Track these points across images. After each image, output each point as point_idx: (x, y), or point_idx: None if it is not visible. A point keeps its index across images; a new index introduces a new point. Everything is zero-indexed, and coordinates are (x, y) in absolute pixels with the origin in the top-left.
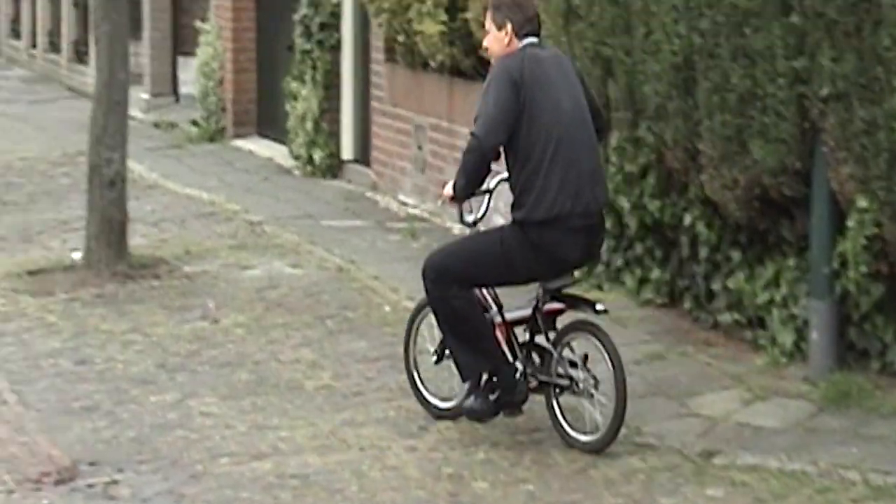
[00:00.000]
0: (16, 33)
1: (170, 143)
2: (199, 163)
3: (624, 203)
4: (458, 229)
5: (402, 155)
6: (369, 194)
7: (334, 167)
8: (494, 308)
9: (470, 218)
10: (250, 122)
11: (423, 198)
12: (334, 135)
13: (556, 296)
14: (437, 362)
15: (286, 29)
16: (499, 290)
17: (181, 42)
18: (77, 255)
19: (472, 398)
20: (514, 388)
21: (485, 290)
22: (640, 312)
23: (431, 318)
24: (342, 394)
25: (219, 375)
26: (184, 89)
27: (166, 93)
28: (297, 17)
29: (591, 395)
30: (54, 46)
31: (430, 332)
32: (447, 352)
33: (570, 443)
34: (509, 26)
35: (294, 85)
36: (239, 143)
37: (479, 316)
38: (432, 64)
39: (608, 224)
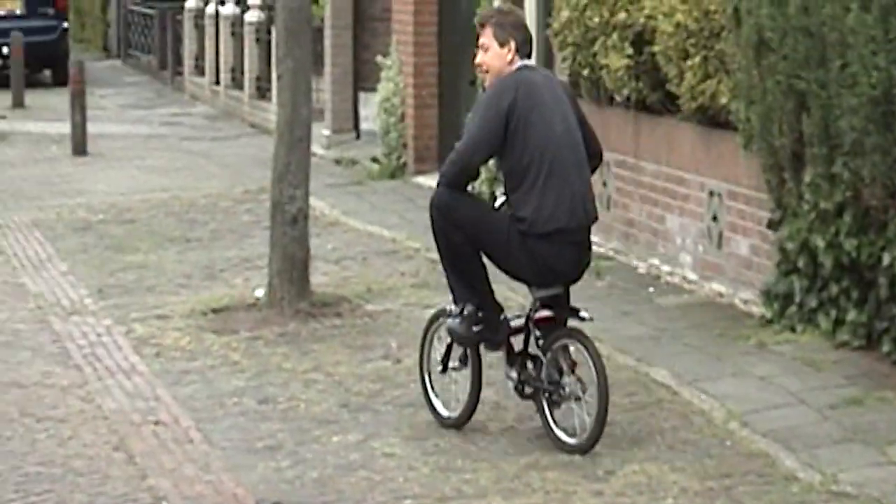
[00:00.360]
0: (199, 70)
1: (351, 180)
2: (381, 200)
3: (819, 242)
4: (643, 268)
5: None
6: None
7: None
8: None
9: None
10: (431, 158)
11: (609, 236)
12: None
13: (545, 304)
14: (442, 371)
15: (467, 63)
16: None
17: (362, 78)
18: (260, 293)
19: (458, 320)
20: (497, 328)
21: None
22: (835, 355)
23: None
24: (526, 436)
25: (402, 416)
26: (365, 125)
27: (347, 129)
28: None
29: (579, 399)
30: (237, 83)
31: (441, 344)
32: (451, 351)
33: (559, 445)
34: (512, 44)
35: None
36: (420, 179)
37: (477, 261)
38: (618, 98)
39: (801, 263)
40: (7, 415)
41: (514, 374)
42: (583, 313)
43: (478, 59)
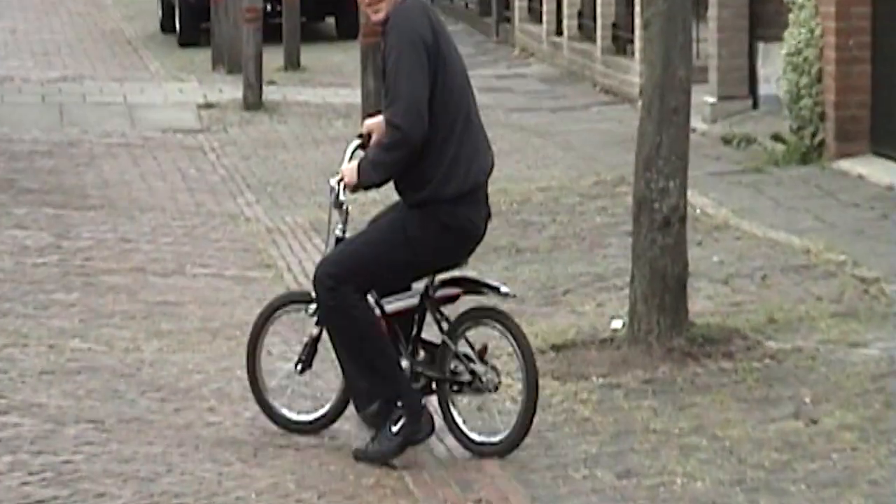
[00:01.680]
0: (534, 15)
1: (744, 166)
2: (787, 194)
3: None
4: None
5: None
6: None
7: None
8: (371, 300)
9: (343, 197)
10: (861, 135)
11: None
12: None
13: (448, 280)
14: (301, 372)
15: None
16: None
17: (761, 23)
18: (618, 324)
19: (377, 441)
20: (420, 415)
21: None
22: None
23: (287, 317)
24: None
25: (819, 498)
26: (764, 89)
27: (739, 94)
28: None
29: (494, 390)
30: (585, 32)
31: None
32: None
33: (469, 447)
34: None
35: None
36: (845, 164)
37: (380, 328)
38: None
39: None
40: (282, 486)
41: (405, 365)
42: (503, 288)
43: None
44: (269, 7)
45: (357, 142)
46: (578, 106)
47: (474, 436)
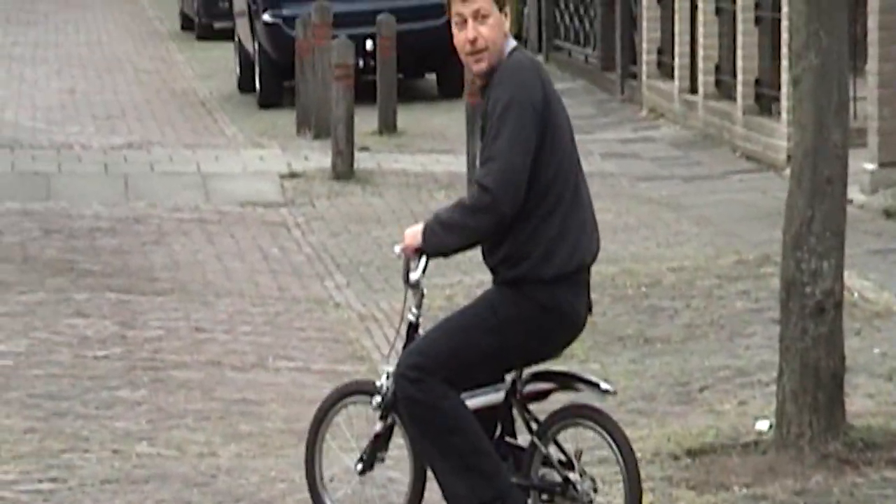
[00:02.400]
0: (665, 71)
1: None
2: None
3: None
4: None
5: None
6: None
7: None
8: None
9: (414, 276)
10: None
11: None
12: None
13: (539, 374)
14: (362, 473)
15: None
16: None
17: None
18: (764, 426)
19: None
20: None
21: None
22: None
23: (352, 410)
24: None
25: None
26: None
27: None
28: None
29: (590, 503)
30: (724, 90)
31: (349, 431)
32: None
33: None
34: (507, 9)
35: None
36: None
37: (474, 423)
38: None
39: None
40: None
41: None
42: (604, 385)
43: (469, 34)
44: (361, 63)
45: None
46: (716, 174)
47: None
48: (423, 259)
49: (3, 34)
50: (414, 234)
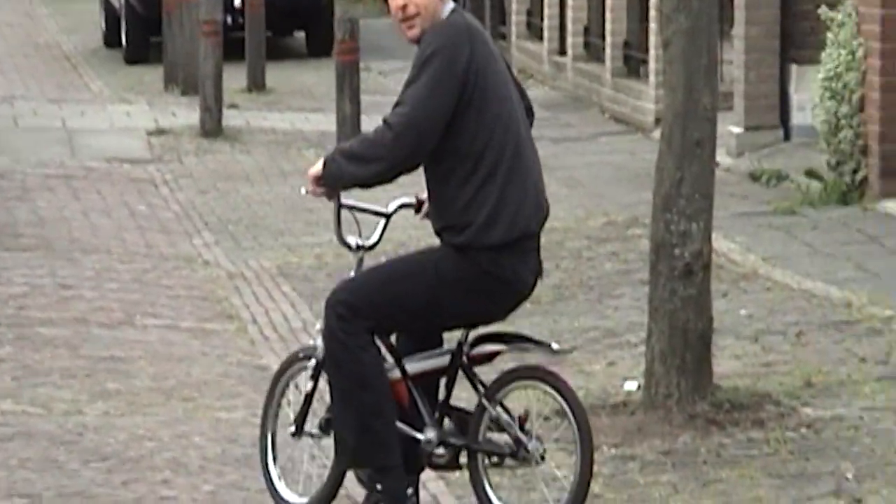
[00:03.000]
0: (534, 32)
1: (775, 207)
2: (824, 238)
3: None
4: None
5: None
6: None
7: None
8: (391, 359)
9: (352, 240)
10: None
11: None
12: None
13: (485, 336)
14: (295, 434)
15: None
16: None
17: (794, 43)
18: (632, 387)
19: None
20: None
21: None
22: None
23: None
24: None
25: None
26: (798, 118)
27: (769, 124)
28: None
29: (540, 462)
30: (593, 52)
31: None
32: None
33: None
34: None
35: None
36: (890, 205)
37: (386, 387)
38: None
39: None
40: None
41: (430, 436)
42: (555, 345)
43: (399, 1)
44: (229, 20)
45: (404, 199)
46: (585, 136)
47: None
48: (379, 226)
49: None
50: (316, 168)
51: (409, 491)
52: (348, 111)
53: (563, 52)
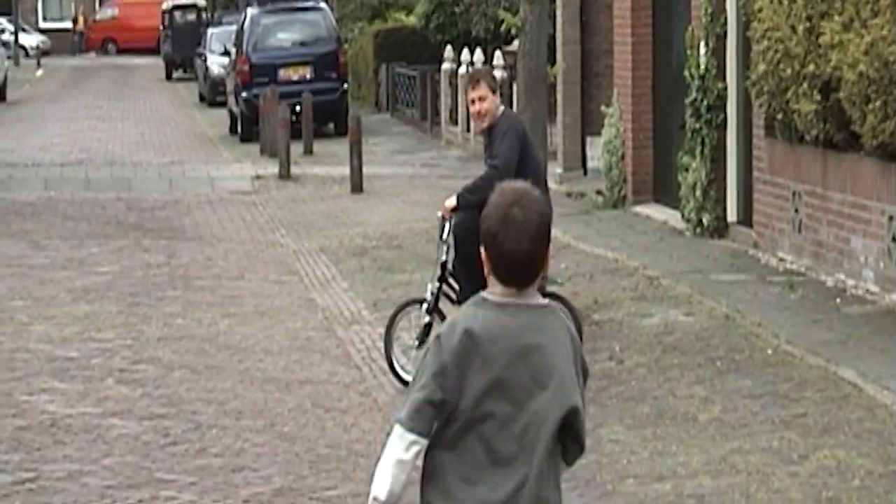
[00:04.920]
0: (454, 120)
1: (580, 210)
2: (605, 227)
3: None
4: (830, 282)
5: (780, 217)
6: (751, 252)
7: (721, 229)
8: None
9: (445, 235)
10: (647, 190)
11: (800, 255)
12: (720, 200)
13: None
14: (419, 345)
15: (678, 111)
16: None
17: (589, 124)
18: None
19: None
20: None
21: None
22: None
23: (409, 313)
24: (731, 425)
25: (624, 408)
26: (591, 164)
27: (576, 167)
28: (688, 100)
29: None
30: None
31: (410, 323)
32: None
33: None
34: (498, 90)
35: (685, 158)
36: (638, 209)
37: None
38: (807, 138)
39: None
40: (302, 406)
41: None
42: None
43: (477, 108)
44: (294, 118)
45: (442, 218)
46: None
47: None
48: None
49: (108, 106)
50: (450, 202)
51: None
52: (356, 163)
53: (468, 130)
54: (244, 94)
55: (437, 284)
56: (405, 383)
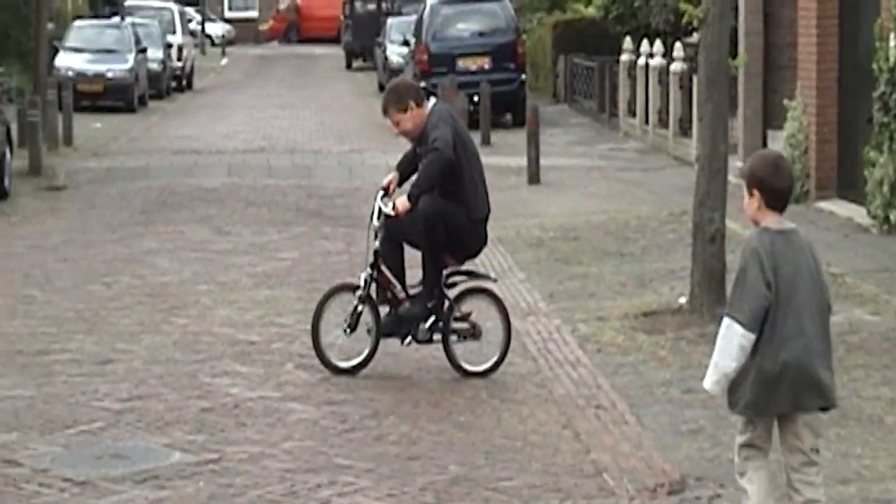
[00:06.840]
0: (632, 112)
1: None
2: (788, 220)
3: None
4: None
5: None
6: None
7: None
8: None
9: (376, 223)
10: (832, 185)
11: None
12: None
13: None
14: (348, 331)
15: (866, 105)
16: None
17: (771, 117)
18: (683, 300)
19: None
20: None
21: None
22: None
23: (341, 298)
24: None
25: None
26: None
27: None
28: (875, 94)
29: (479, 337)
30: (663, 123)
31: (342, 309)
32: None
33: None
34: (413, 102)
35: (872, 153)
36: (821, 204)
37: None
38: None
39: None
40: (478, 396)
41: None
42: (492, 275)
43: (401, 129)
44: (472, 107)
45: (381, 192)
46: (658, 167)
47: (469, 367)
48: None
49: (288, 94)
50: (403, 202)
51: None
52: (533, 154)
53: (647, 122)
54: (423, 84)
55: (369, 271)
56: (335, 369)
